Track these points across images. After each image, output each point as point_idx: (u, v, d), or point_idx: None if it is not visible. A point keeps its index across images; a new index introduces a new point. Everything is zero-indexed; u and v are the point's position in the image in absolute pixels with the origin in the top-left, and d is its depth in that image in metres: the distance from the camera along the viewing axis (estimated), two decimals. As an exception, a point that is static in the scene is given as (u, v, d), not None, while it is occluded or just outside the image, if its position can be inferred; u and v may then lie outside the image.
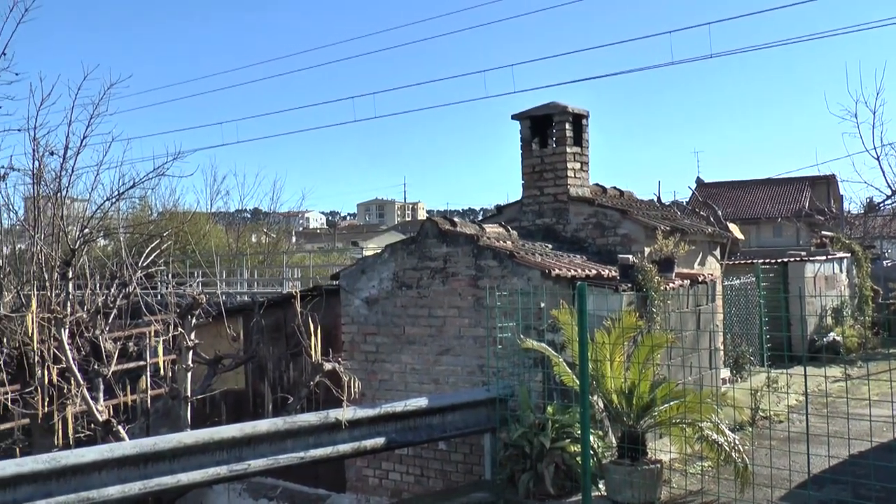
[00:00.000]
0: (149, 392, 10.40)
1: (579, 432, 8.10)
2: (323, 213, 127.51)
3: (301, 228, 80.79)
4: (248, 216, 55.42)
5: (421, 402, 8.15)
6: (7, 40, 11.62)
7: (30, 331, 7.15)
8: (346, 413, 7.33)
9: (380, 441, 7.78)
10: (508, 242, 10.40)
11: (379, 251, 11.08)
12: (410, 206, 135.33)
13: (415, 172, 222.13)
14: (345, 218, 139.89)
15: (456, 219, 10.79)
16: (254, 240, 45.65)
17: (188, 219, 28.45)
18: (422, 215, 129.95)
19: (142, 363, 10.84)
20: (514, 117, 12.17)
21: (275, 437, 7.08)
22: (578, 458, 8.07)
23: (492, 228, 10.66)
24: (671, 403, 8.09)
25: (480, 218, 18.50)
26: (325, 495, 11.33)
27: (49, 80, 11.01)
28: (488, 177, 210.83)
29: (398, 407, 7.95)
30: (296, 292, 8.03)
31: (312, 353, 7.68)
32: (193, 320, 8.64)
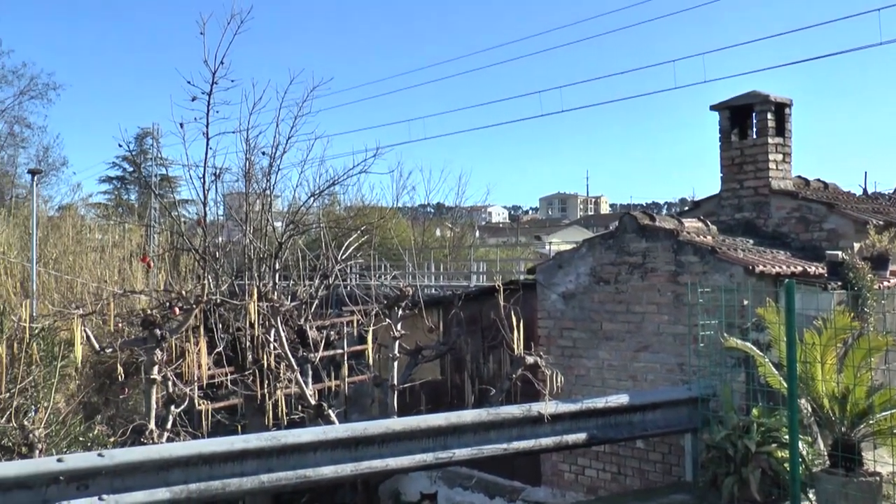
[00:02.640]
0: (345, 379, 10.89)
1: (787, 437, 7.76)
2: (505, 207, 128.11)
3: (483, 223, 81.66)
4: (432, 211, 56.59)
5: (622, 399, 8.08)
6: (225, 50, 12.53)
7: (252, 318, 7.65)
8: (548, 407, 7.37)
9: (581, 436, 7.78)
10: (708, 237, 10.12)
11: (576, 246, 11.06)
12: (593, 199, 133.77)
13: (598, 166, 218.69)
14: (526, 212, 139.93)
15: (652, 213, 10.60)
16: (438, 234, 46.56)
17: (386, 214, 29.39)
18: (604, 209, 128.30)
19: (345, 350, 11.36)
20: (712, 108, 11.79)
21: (479, 427, 7.22)
22: (786, 465, 7.74)
23: (690, 223, 10.40)
24: (892, 412, 7.59)
25: (665, 212, 18.07)
26: (521, 488, 11.43)
27: (260, 86, 11.81)
28: (673, 170, 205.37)
29: (599, 403, 7.91)
30: (498, 286, 8.15)
31: (515, 346, 7.77)
32: (400, 312, 8.96)
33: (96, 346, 6.84)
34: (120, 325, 11.15)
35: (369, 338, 8.04)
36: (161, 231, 30.75)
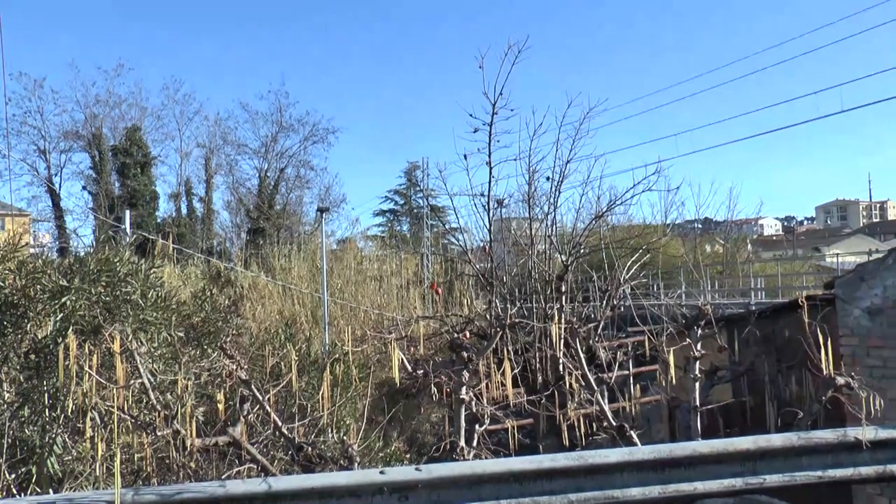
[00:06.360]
0: (636, 399, 10.80)
1: None
2: (777, 218, 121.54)
3: (755, 236, 77.99)
4: (699, 226, 55.01)
5: (953, 426, 7.36)
6: (504, 81, 13.06)
7: (554, 340, 7.83)
8: (867, 432, 6.87)
9: (907, 466, 7.16)
10: None
11: (882, 255, 10.26)
12: (877, 205, 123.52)
13: (881, 168, 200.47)
14: (801, 222, 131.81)
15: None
16: (708, 249, 45.14)
17: (664, 233, 28.96)
18: (891, 215, 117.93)
19: (630, 371, 11.32)
20: None
21: (789, 452, 6.87)
22: None
23: None
24: None
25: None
26: (829, 520, 10.69)
27: (539, 113, 12.23)
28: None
29: (925, 429, 7.25)
30: (802, 301, 7.75)
31: (823, 366, 7.34)
32: (700, 331, 8.80)
33: (409, 368, 7.31)
34: (415, 348, 11.87)
35: (671, 358, 7.92)
36: (441, 259, 32.31)
